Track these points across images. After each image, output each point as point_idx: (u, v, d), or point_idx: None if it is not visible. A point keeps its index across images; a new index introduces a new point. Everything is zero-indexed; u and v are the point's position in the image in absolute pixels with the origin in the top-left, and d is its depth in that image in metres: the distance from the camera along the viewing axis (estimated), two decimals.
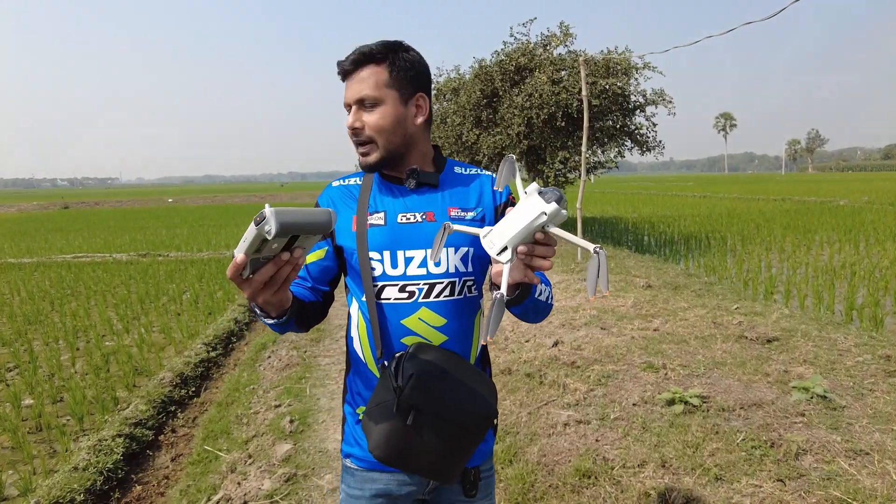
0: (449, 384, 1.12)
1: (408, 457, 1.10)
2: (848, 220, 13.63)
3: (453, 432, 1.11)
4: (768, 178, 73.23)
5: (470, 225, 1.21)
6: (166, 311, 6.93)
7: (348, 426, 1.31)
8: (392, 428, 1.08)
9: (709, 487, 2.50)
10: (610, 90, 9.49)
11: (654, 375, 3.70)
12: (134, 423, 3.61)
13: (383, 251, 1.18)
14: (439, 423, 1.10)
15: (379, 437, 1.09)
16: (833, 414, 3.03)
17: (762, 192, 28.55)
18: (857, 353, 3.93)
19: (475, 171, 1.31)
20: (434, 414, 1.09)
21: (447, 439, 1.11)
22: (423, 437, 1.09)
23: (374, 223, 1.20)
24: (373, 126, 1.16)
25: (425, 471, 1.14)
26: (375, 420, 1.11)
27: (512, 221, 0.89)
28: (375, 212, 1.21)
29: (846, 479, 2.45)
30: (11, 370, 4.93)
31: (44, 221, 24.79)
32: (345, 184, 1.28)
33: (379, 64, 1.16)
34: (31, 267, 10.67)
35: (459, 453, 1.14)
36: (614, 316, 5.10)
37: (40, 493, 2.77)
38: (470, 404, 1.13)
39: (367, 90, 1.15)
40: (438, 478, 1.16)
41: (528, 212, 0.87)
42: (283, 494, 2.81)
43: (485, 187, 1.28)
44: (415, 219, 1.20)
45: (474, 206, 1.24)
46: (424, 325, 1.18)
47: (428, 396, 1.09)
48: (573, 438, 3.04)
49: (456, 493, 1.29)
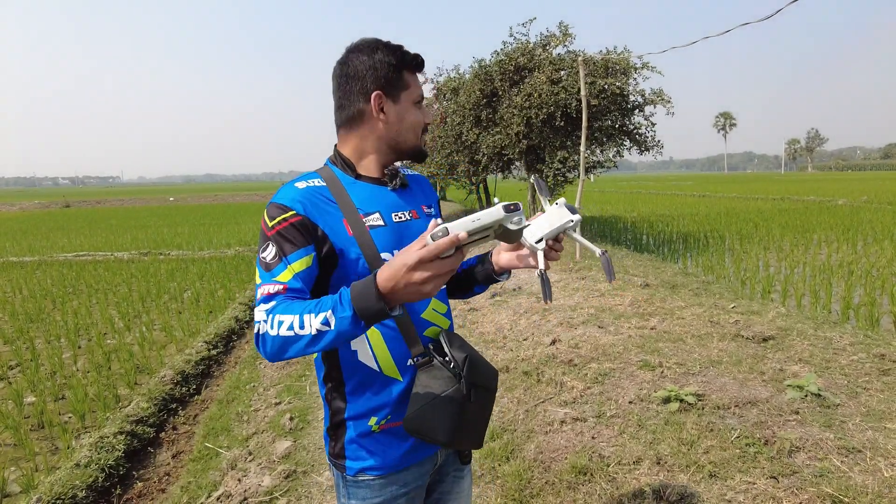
0: (478, 357, 1.26)
1: (469, 433, 1.23)
2: (846, 219, 13.66)
3: (491, 397, 1.28)
4: (767, 177, 73.22)
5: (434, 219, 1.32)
6: (167, 309, 6.97)
7: (355, 444, 1.25)
8: (460, 410, 1.17)
9: (703, 484, 2.54)
10: (609, 90, 9.51)
11: (650, 374, 3.73)
12: (135, 420, 3.64)
13: (394, 251, 1.18)
14: (486, 394, 1.25)
15: (451, 425, 1.17)
16: (827, 412, 3.06)
17: (761, 192, 28.56)
18: (852, 351, 3.96)
19: (411, 171, 1.43)
20: (484, 386, 1.24)
21: (489, 405, 1.28)
22: (479, 409, 1.24)
23: (373, 224, 1.18)
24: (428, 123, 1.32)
25: (475, 440, 1.26)
26: (436, 413, 1.16)
27: (547, 222, 1.20)
28: (369, 213, 1.19)
29: (838, 476, 2.48)
30: (13, 368, 4.96)
31: (45, 220, 24.82)
32: (310, 184, 1.18)
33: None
34: (32, 265, 10.71)
35: (490, 414, 1.30)
36: (612, 315, 5.13)
37: (42, 489, 2.81)
38: (489, 368, 1.29)
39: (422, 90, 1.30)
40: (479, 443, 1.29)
41: (560, 217, 1.20)
42: (282, 491, 2.85)
43: (429, 186, 1.44)
44: (405, 217, 1.26)
45: (430, 201, 1.39)
46: (436, 314, 1.29)
47: (478, 372, 1.22)
48: (570, 436, 3.07)
49: (451, 463, 1.39)
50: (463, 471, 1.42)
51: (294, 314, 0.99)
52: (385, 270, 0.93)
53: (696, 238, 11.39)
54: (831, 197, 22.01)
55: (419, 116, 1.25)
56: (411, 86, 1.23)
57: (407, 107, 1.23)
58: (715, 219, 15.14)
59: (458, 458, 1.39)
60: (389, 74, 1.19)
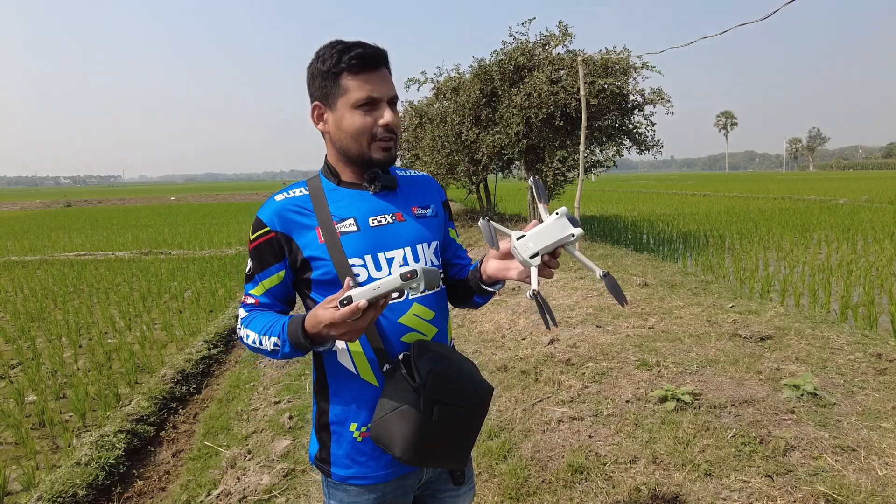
0: (456, 372, 1.18)
1: (433, 451, 1.16)
2: (847, 218, 13.66)
3: (467, 415, 1.19)
4: (769, 176, 73.13)
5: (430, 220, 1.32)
6: (168, 308, 6.99)
7: (340, 448, 1.26)
8: (418, 427, 1.11)
9: (698, 483, 2.55)
10: (608, 89, 9.52)
11: (647, 373, 3.75)
12: (135, 419, 3.67)
13: (364, 255, 1.19)
14: (458, 411, 1.17)
15: (406, 440, 1.11)
16: (822, 411, 3.08)
17: (762, 191, 28.54)
18: (849, 350, 3.98)
19: (413, 172, 1.39)
20: (453, 404, 1.15)
21: (464, 424, 1.19)
22: (446, 428, 1.15)
23: (345, 230, 1.19)
24: (398, 126, 1.22)
25: (447, 460, 1.21)
26: (396, 425, 1.12)
27: (544, 234, 1.07)
28: (343, 219, 1.20)
29: (832, 475, 2.50)
30: (15, 367, 4.99)
31: (47, 219, 24.86)
32: (290, 196, 1.23)
33: (388, 68, 1.21)
34: (34, 265, 10.74)
35: (472, 434, 1.22)
36: (610, 314, 5.15)
37: (43, 487, 2.83)
38: (474, 386, 1.21)
39: (391, 90, 1.20)
40: (457, 463, 1.22)
41: (560, 230, 1.07)
42: (281, 489, 2.87)
43: (431, 186, 1.38)
44: (386, 220, 1.23)
45: (429, 202, 1.34)
46: (419, 319, 1.23)
47: (445, 388, 1.14)
48: (567, 435, 3.09)
49: (443, 482, 1.34)
50: (458, 491, 1.37)
51: (256, 332, 1.17)
52: (310, 319, 1.06)
53: (696, 237, 11.40)
54: (832, 196, 22.00)
55: (360, 121, 1.16)
56: (350, 90, 1.15)
57: (343, 113, 1.17)
58: (715, 218, 15.14)
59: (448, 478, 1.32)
60: (325, 82, 1.17)
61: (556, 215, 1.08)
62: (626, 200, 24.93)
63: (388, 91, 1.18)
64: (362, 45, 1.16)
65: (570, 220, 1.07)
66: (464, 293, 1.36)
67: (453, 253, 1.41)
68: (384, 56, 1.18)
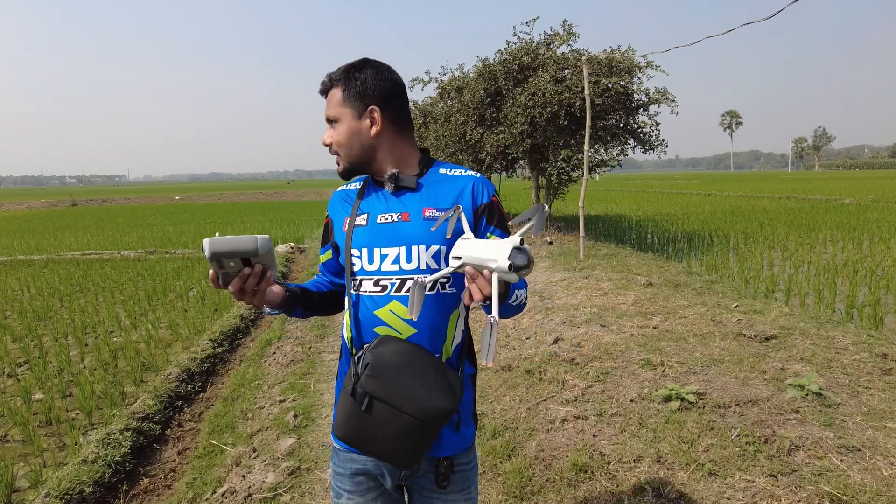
0: (405, 376, 1.18)
1: (364, 438, 1.22)
2: (852, 218, 13.59)
3: (404, 422, 1.17)
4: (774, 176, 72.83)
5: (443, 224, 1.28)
6: (173, 307, 7.03)
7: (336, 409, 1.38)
8: (349, 411, 1.22)
9: (702, 482, 2.55)
10: (613, 89, 9.50)
11: (651, 372, 3.75)
12: (141, 417, 3.69)
13: (362, 248, 1.31)
14: (390, 412, 1.17)
15: (340, 418, 1.25)
16: (827, 411, 3.07)
17: (767, 191, 28.43)
18: (855, 350, 3.96)
19: (460, 171, 1.37)
20: (386, 402, 1.17)
21: (398, 427, 1.17)
22: (376, 423, 1.18)
23: (358, 223, 1.34)
24: (335, 141, 1.33)
25: (380, 454, 1.23)
26: (340, 403, 1.26)
27: (483, 247, 1.00)
28: (361, 213, 1.35)
29: (837, 475, 2.49)
30: (22, 365, 5.02)
31: (53, 218, 25.00)
32: (346, 188, 1.44)
33: (336, 86, 1.32)
34: (40, 264, 10.80)
35: (413, 443, 1.19)
36: (614, 313, 5.14)
37: (50, 485, 2.86)
38: (423, 398, 1.17)
39: (330, 110, 1.32)
40: (395, 462, 1.23)
41: (492, 252, 0.97)
42: (286, 487, 2.88)
43: (466, 189, 1.33)
44: (392, 219, 1.31)
45: (450, 205, 1.29)
46: (395, 317, 1.26)
47: (381, 385, 1.18)
48: (571, 434, 3.09)
49: (429, 481, 1.34)
50: (448, 495, 1.35)
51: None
52: None
53: (701, 237, 11.37)
54: (838, 196, 21.89)
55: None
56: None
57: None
58: (720, 218, 15.10)
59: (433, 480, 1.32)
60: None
61: (508, 240, 0.97)
62: (630, 200, 24.88)
63: (327, 112, 1.33)
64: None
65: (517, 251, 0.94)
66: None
67: None
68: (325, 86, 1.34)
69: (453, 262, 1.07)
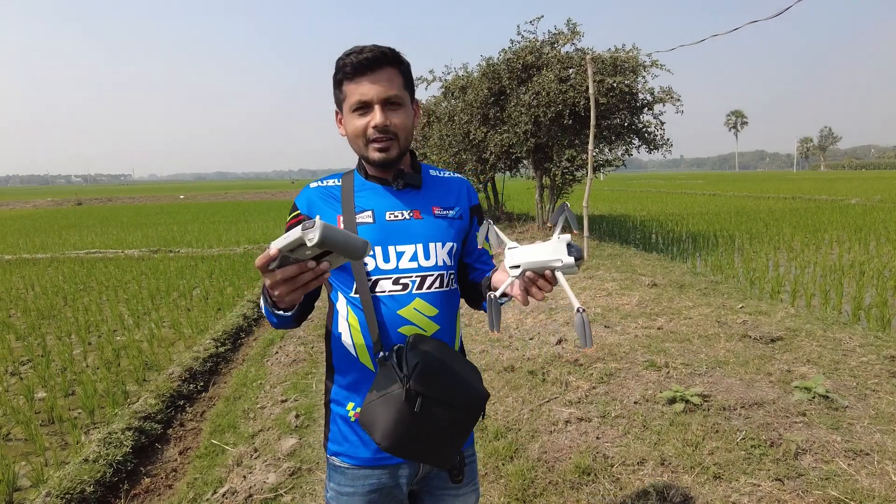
0: (448, 371, 1.18)
1: (415, 444, 1.15)
2: (859, 219, 13.50)
3: (455, 416, 1.18)
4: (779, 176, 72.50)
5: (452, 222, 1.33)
6: (176, 306, 7.02)
7: (336, 425, 1.33)
8: (400, 417, 1.11)
9: (707, 486, 2.52)
10: (617, 88, 9.46)
11: (656, 374, 3.72)
12: (143, 416, 3.68)
13: (375, 247, 1.25)
14: (443, 408, 1.16)
15: (387, 427, 1.12)
16: (834, 414, 3.04)
17: (772, 191, 28.29)
18: (862, 353, 3.92)
19: (448, 174, 1.43)
20: (438, 400, 1.15)
21: (450, 423, 1.17)
22: (429, 424, 1.14)
23: (362, 221, 1.27)
24: (398, 125, 1.24)
25: (430, 457, 1.19)
26: (380, 411, 1.14)
27: (536, 251, 1.06)
28: (363, 211, 1.28)
29: (844, 479, 2.46)
30: (25, 364, 5.03)
31: (58, 217, 25.10)
32: (323, 185, 1.34)
33: (394, 66, 1.24)
34: (45, 262, 10.84)
35: (460, 436, 1.20)
36: (618, 314, 5.11)
37: (52, 484, 2.85)
38: (466, 388, 1.20)
39: (395, 90, 1.22)
40: (441, 462, 1.21)
41: (551, 252, 1.04)
42: (287, 488, 2.87)
43: (461, 189, 1.40)
44: (403, 216, 1.29)
45: (453, 204, 1.36)
46: (419, 314, 1.25)
47: (431, 383, 1.14)
48: (574, 436, 3.06)
49: (443, 479, 1.34)
50: (460, 490, 1.36)
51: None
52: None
53: (706, 237, 11.31)
54: (844, 196, 21.76)
55: (355, 124, 1.24)
56: (348, 95, 1.23)
57: (348, 117, 1.26)
58: (725, 218, 15.02)
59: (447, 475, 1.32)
60: (335, 90, 1.28)
61: (559, 239, 1.05)
62: (635, 200, 24.80)
63: (380, 93, 1.21)
64: (360, 50, 1.21)
65: (569, 247, 1.03)
66: (477, 297, 1.41)
67: (476, 258, 1.43)
68: (377, 59, 1.20)
69: (513, 271, 1.07)
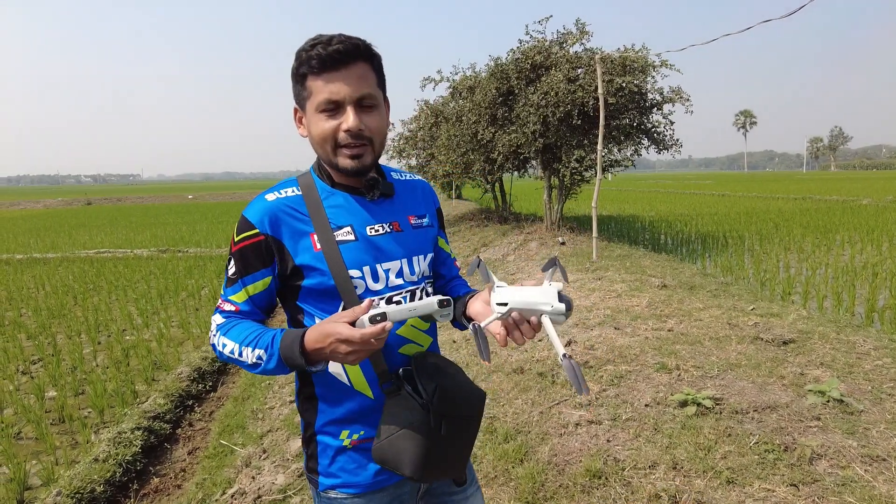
0: (456, 382, 1.15)
1: (441, 466, 1.12)
2: (871, 219, 13.36)
3: (469, 425, 1.17)
4: (789, 176, 71.93)
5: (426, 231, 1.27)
6: (185, 306, 7.05)
7: (326, 457, 1.21)
8: (429, 444, 1.07)
9: (720, 490, 2.49)
10: (626, 88, 9.40)
11: (666, 376, 3.68)
12: (152, 416, 3.69)
13: (363, 267, 1.13)
14: (462, 423, 1.14)
15: (416, 459, 1.06)
16: (849, 418, 2.99)
17: (782, 191, 28.06)
18: (877, 356, 3.86)
19: (409, 176, 1.33)
20: (459, 416, 1.13)
21: (466, 434, 1.16)
22: (453, 441, 1.12)
23: (343, 239, 1.12)
24: (373, 129, 1.10)
25: (450, 472, 1.17)
26: (407, 445, 1.07)
27: (527, 293, 1.03)
28: (340, 227, 1.14)
29: (861, 486, 2.42)
30: (36, 363, 5.06)
31: (68, 217, 25.30)
32: (282, 195, 1.15)
33: (367, 61, 1.09)
34: (55, 262, 10.92)
35: (470, 444, 1.20)
36: (628, 316, 5.07)
37: (62, 483, 2.86)
38: (472, 395, 1.17)
39: (368, 88, 1.08)
40: (459, 474, 1.20)
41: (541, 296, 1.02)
42: (296, 489, 2.86)
43: (426, 193, 1.33)
44: (384, 230, 1.18)
45: (424, 212, 1.29)
46: (415, 330, 1.20)
47: (451, 402, 1.10)
48: (584, 438, 3.04)
49: (446, 485, 1.30)
50: (466, 492, 1.31)
51: (236, 342, 1.08)
52: (313, 333, 0.99)
53: (715, 238, 11.22)
54: (855, 196, 21.55)
55: (322, 126, 1.08)
56: (314, 93, 1.07)
57: (313, 118, 1.10)
58: (734, 219, 14.91)
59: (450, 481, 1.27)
60: (296, 85, 1.11)
61: (549, 285, 1.04)
62: (643, 200, 24.68)
63: (353, 91, 1.06)
64: (327, 41, 1.05)
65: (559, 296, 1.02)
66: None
67: (442, 262, 1.35)
68: (349, 52, 1.05)
69: (499, 308, 1.03)
